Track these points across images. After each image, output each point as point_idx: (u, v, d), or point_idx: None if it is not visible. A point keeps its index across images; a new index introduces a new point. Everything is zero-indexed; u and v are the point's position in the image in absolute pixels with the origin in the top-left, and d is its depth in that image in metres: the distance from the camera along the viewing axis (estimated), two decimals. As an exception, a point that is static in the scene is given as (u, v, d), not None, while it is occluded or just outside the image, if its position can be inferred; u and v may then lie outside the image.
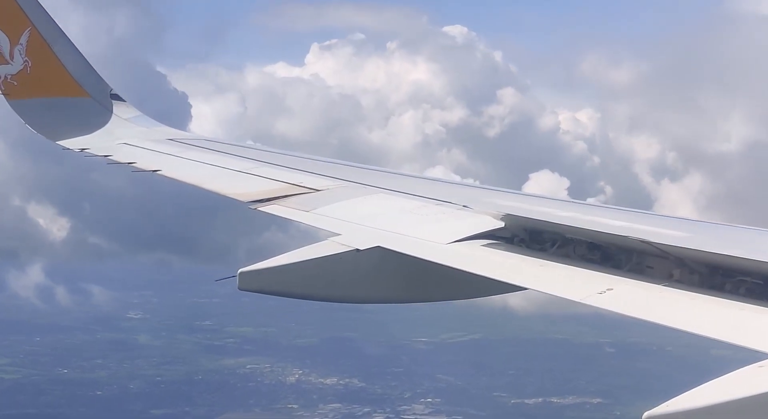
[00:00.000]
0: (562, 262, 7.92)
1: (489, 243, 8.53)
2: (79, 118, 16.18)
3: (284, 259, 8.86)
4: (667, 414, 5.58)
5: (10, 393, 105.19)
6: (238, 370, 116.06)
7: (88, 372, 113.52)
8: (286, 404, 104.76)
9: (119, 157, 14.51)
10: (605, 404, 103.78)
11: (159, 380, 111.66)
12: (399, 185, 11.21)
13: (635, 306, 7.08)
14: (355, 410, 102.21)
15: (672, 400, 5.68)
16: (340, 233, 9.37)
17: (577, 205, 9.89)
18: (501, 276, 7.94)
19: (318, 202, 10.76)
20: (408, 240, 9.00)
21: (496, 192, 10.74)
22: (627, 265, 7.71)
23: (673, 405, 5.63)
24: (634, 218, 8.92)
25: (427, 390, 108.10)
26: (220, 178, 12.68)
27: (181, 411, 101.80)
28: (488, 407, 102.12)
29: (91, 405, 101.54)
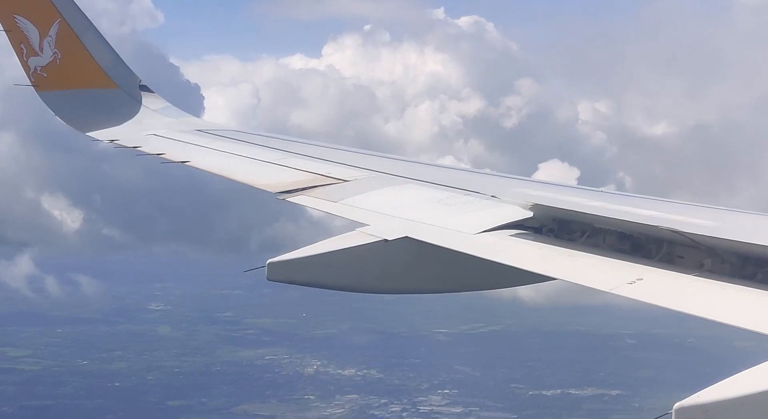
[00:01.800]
0: (591, 252, 7.88)
1: (517, 233, 8.50)
2: (108, 109, 16.19)
3: (312, 250, 8.88)
4: (698, 405, 5.56)
5: (29, 384, 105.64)
6: (257, 361, 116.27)
7: (107, 364, 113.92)
8: (303, 395, 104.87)
9: (148, 148, 14.54)
10: (624, 396, 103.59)
11: (177, 371, 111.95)
12: (427, 175, 11.19)
13: (665, 297, 7.04)
14: (372, 401, 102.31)
15: (703, 391, 5.66)
16: (368, 224, 9.37)
17: (606, 195, 9.83)
18: (529, 266, 7.91)
19: (346, 193, 10.76)
20: (436, 231, 8.99)
21: (525, 181, 10.71)
22: (657, 255, 7.66)
23: (704, 396, 5.61)
24: (663, 207, 8.87)
25: (445, 382, 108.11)
26: (249, 168, 12.69)
27: (197, 402, 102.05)
28: (505, 398, 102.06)
29: (108, 397, 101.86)
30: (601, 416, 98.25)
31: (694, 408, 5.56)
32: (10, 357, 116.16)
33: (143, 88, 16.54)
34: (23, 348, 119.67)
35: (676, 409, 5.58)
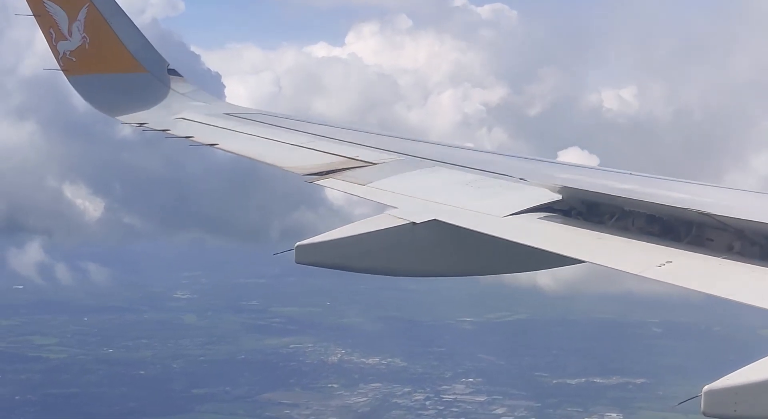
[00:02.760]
0: (620, 235, 7.87)
1: (546, 215, 8.50)
2: (137, 93, 16.22)
3: (340, 233, 8.89)
4: (727, 388, 5.58)
5: (55, 372, 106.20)
6: (281, 350, 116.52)
7: (133, 352, 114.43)
8: (327, 383, 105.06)
9: (177, 132, 14.59)
10: (649, 384, 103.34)
11: (202, 360, 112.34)
12: (455, 158, 11.17)
13: (695, 279, 7.03)
14: (395, 389, 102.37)
15: (732, 374, 5.68)
16: (396, 206, 9.39)
17: (635, 177, 9.79)
18: (558, 249, 7.91)
19: (374, 176, 10.77)
20: (464, 214, 9.00)
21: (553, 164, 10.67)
22: (686, 238, 7.64)
23: (733, 378, 5.64)
24: (693, 190, 8.85)
25: (469, 370, 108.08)
26: (277, 151, 12.71)
27: (222, 390, 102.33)
28: (529, 387, 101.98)
29: (133, 385, 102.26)
30: (625, 404, 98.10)
31: (724, 390, 5.59)
32: (36, 346, 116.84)
33: (172, 72, 16.55)
34: (50, 337, 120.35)
35: (705, 392, 5.61)
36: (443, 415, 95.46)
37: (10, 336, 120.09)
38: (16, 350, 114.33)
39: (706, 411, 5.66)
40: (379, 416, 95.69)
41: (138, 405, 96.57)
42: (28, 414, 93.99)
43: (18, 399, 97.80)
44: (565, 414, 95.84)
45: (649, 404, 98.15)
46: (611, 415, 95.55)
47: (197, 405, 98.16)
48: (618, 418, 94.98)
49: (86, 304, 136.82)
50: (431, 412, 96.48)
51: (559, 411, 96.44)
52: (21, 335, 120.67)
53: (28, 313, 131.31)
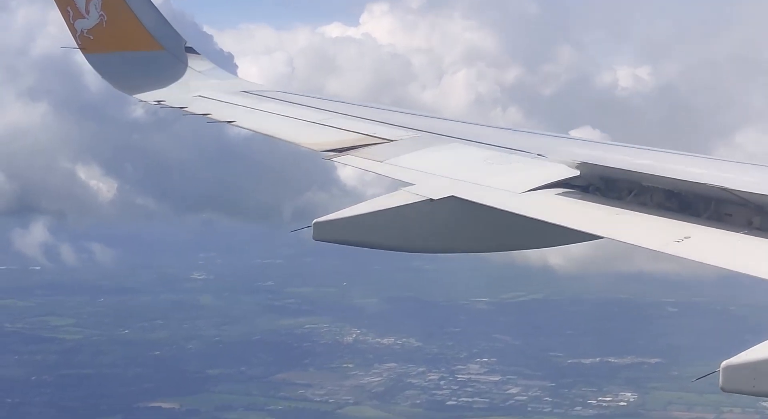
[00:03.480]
0: (638, 211, 7.85)
1: (564, 191, 8.47)
2: (155, 71, 16.21)
3: (358, 209, 8.90)
4: (746, 363, 5.56)
5: (70, 353, 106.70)
6: (296, 330, 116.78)
7: (148, 333, 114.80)
8: (341, 363, 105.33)
9: (194, 109, 14.59)
10: (663, 364, 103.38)
11: (217, 340, 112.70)
12: (472, 134, 11.14)
13: (713, 255, 6.99)
14: (410, 370, 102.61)
15: (751, 349, 5.67)
16: (413, 183, 9.38)
17: (653, 152, 9.75)
18: (576, 225, 7.88)
19: (392, 152, 10.74)
20: (482, 190, 8.99)
21: (571, 140, 10.65)
22: (705, 213, 7.61)
23: (752, 354, 5.63)
24: (712, 165, 8.82)
25: (483, 350, 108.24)
26: (295, 128, 12.71)
27: (236, 370, 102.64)
28: (543, 367, 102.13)
29: (147, 365, 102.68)
30: (639, 384, 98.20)
31: (743, 366, 5.57)
32: (52, 327, 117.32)
33: (189, 50, 16.52)
34: (66, 318, 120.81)
35: (723, 367, 5.59)
36: (457, 395, 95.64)
37: (26, 317, 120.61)
38: (32, 331, 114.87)
39: (725, 386, 5.64)
40: (393, 396, 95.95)
41: (153, 386, 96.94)
42: (44, 394, 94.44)
43: (34, 379, 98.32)
44: (578, 393, 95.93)
45: (663, 384, 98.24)
46: (625, 395, 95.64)
47: (212, 385, 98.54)
48: (632, 398, 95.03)
49: (102, 285, 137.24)
50: (445, 392, 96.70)
51: (573, 390, 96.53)
52: (37, 316, 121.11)
53: (44, 294, 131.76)
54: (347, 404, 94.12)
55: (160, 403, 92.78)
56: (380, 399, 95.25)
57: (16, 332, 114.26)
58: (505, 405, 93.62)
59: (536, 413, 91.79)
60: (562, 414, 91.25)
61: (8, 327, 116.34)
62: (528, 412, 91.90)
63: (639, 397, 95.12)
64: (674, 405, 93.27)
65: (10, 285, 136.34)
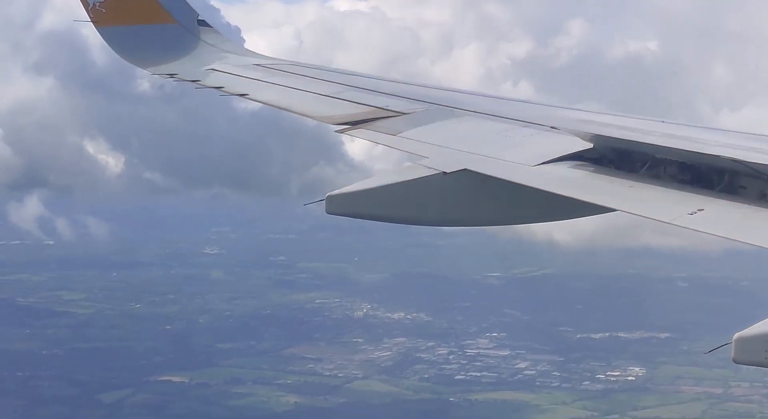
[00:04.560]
0: (651, 183, 7.85)
1: (577, 164, 8.47)
2: (167, 44, 16.10)
3: (371, 183, 8.91)
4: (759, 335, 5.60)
5: (82, 327, 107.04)
6: (307, 305, 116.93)
7: (159, 307, 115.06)
8: (351, 338, 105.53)
9: (207, 83, 14.55)
10: (673, 339, 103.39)
11: (228, 314, 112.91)
12: (485, 107, 11.13)
13: (726, 227, 7.01)
14: (419, 344, 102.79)
15: (762, 322, 5.70)
16: (426, 156, 9.38)
17: (667, 125, 9.73)
18: (589, 197, 7.90)
19: (405, 126, 10.71)
20: (495, 163, 8.99)
21: (584, 112, 10.59)
22: (718, 186, 7.61)
23: (764, 326, 5.67)
24: (726, 137, 8.81)
25: (493, 325, 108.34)
26: (307, 101, 12.66)
27: (246, 345, 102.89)
28: (553, 341, 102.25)
29: (158, 339, 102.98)
30: (648, 359, 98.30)
31: (755, 338, 5.61)
32: (64, 301, 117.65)
33: (201, 23, 16.41)
34: (78, 292, 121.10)
35: (736, 339, 5.63)
36: (466, 370, 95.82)
37: (38, 292, 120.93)
38: (44, 305, 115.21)
39: (737, 358, 5.68)
40: (402, 370, 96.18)
41: (163, 360, 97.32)
42: (55, 368, 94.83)
43: (45, 353, 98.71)
44: (587, 368, 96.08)
45: (672, 358, 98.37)
46: (634, 369, 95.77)
47: (221, 359, 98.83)
48: (640, 372, 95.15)
49: (114, 260, 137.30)
50: (454, 366, 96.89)
51: (581, 365, 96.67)
52: (49, 290, 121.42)
53: (56, 269, 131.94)
54: (356, 378, 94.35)
55: (170, 377, 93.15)
56: (389, 373, 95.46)
57: (29, 306, 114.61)
58: (514, 379, 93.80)
59: (544, 387, 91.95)
60: (570, 389, 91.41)
61: (20, 301, 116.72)
62: (536, 387, 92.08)
63: (647, 372, 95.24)
64: (682, 379, 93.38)
65: (23, 259, 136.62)
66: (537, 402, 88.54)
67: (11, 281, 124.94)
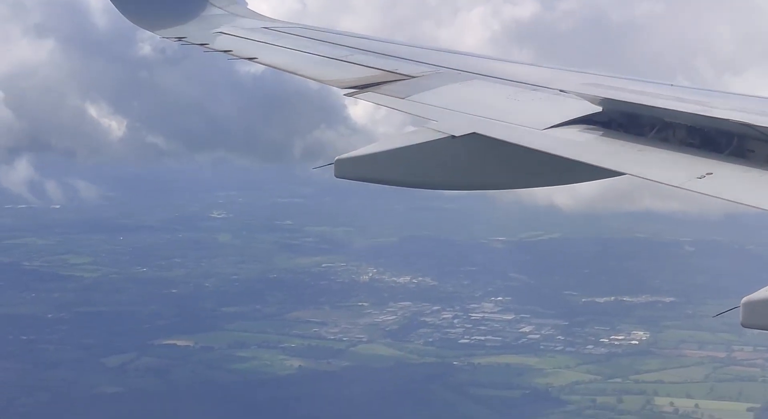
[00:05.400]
0: (660, 147, 7.81)
1: (586, 128, 8.42)
2: (175, 7, 16.03)
3: (380, 146, 8.87)
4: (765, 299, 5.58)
5: (87, 291, 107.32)
6: (313, 269, 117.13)
7: (165, 271, 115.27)
8: (356, 302, 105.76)
9: (216, 46, 14.46)
10: (678, 303, 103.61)
11: (234, 278, 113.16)
12: (494, 71, 11.07)
13: (735, 191, 6.98)
14: (424, 308, 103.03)
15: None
16: (435, 120, 9.36)
17: (677, 89, 9.67)
18: (598, 161, 7.87)
19: (413, 89, 10.66)
20: (504, 126, 8.94)
21: (594, 76, 10.52)
22: (727, 149, 7.56)
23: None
24: (735, 101, 8.75)
25: (498, 289, 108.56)
26: (316, 65, 12.59)
27: (252, 308, 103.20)
28: (557, 306, 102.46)
29: (163, 303, 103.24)
30: (652, 323, 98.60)
31: (763, 302, 5.58)
32: (70, 265, 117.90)
33: None
34: (84, 256, 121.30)
35: (744, 303, 5.60)
36: (470, 333, 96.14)
37: (44, 256, 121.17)
38: (50, 269, 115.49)
39: (745, 322, 5.66)
40: (407, 334, 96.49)
41: (168, 323, 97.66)
42: (60, 331, 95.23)
43: (50, 317, 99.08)
44: (591, 332, 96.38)
45: (677, 322, 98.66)
46: (637, 333, 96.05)
47: (226, 323, 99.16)
48: (644, 336, 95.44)
49: (121, 224, 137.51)
50: (458, 330, 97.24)
51: (585, 329, 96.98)
52: (55, 254, 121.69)
53: (63, 233, 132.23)
54: (360, 342, 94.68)
55: (175, 341, 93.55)
56: (394, 337, 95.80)
57: (34, 270, 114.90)
58: (518, 343, 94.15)
59: (548, 351, 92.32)
60: (574, 353, 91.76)
61: (26, 265, 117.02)
62: (540, 350, 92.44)
63: (651, 336, 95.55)
64: (686, 343, 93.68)
65: (30, 223, 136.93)
66: (540, 366, 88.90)
67: (17, 245, 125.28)
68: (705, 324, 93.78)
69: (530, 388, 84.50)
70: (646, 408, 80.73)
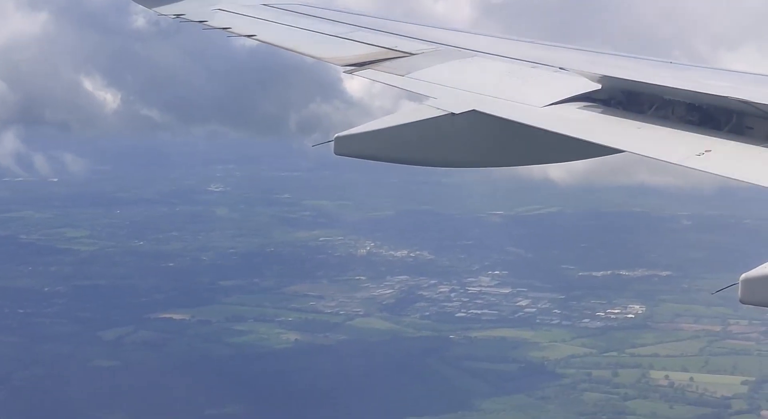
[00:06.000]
0: (659, 124, 7.87)
1: (585, 105, 8.49)
2: None
3: (380, 124, 8.93)
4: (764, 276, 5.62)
5: (84, 264, 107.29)
6: (310, 243, 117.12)
7: (162, 244, 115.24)
8: (353, 276, 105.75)
9: (214, 23, 14.42)
10: (674, 277, 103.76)
11: (232, 252, 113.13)
12: (494, 48, 11.09)
13: (734, 168, 7.04)
14: (421, 282, 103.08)
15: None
16: (435, 97, 9.40)
17: (675, 66, 9.72)
18: (597, 138, 7.93)
19: (413, 66, 10.69)
20: (503, 104, 9.01)
21: (593, 53, 10.55)
22: (726, 126, 7.64)
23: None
24: (734, 78, 8.80)
25: (495, 263, 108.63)
26: (315, 42, 12.58)
27: (249, 282, 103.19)
28: (554, 279, 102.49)
29: (161, 276, 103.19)
30: (648, 296, 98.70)
31: (762, 278, 5.62)
32: (67, 238, 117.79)
33: None
34: (81, 229, 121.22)
35: (742, 280, 5.64)
36: (467, 307, 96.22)
37: (42, 229, 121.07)
38: (47, 243, 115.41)
39: (743, 298, 5.70)
40: (404, 308, 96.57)
41: (164, 297, 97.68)
42: (56, 305, 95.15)
43: (47, 290, 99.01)
44: (587, 306, 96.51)
45: (673, 296, 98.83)
46: (634, 307, 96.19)
47: (223, 296, 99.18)
48: (640, 310, 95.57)
49: (119, 197, 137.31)
50: (455, 304, 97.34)
51: (582, 303, 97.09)
52: (53, 228, 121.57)
53: (60, 206, 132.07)
54: (357, 316, 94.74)
55: (172, 314, 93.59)
56: (390, 311, 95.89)
57: (31, 243, 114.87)
58: (514, 317, 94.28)
59: (544, 325, 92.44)
60: (570, 327, 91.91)
61: (23, 238, 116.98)
62: (536, 324, 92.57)
63: (647, 309, 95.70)
64: (682, 317, 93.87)
65: (27, 196, 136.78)
66: (536, 340, 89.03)
67: (14, 218, 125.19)
68: (701, 298, 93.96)
69: (526, 362, 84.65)
70: (642, 382, 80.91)
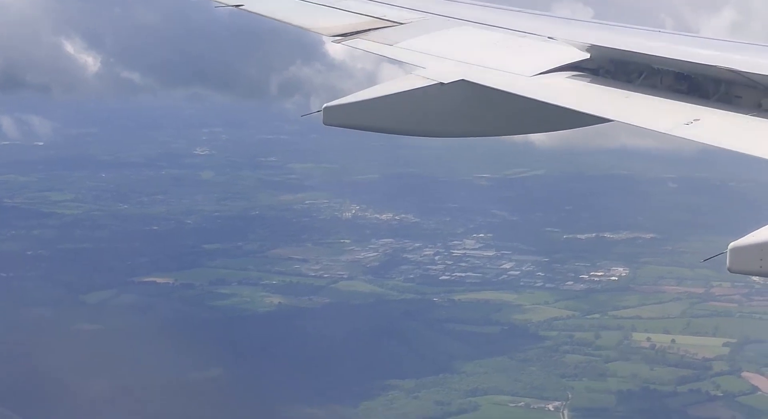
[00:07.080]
0: (648, 93, 7.94)
1: (574, 74, 8.54)
2: None
3: (369, 94, 8.99)
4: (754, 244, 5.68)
5: (68, 228, 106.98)
6: (295, 206, 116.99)
7: (147, 207, 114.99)
8: (338, 239, 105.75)
9: None
10: (658, 239, 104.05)
11: (216, 215, 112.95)
12: (483, 17, 11.08)
13: (722, 137, 7.14)
14: (406, 245, 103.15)
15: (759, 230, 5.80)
16: (424, 67, 9.42)
17: (663, 34, 9.74)
18: (586, 108, 8.00)
19: (401, 36, 10.72)
20: (492, 73, 9.04)
21: (582, 23, 10.56)
22: (714, 95, 7.71)
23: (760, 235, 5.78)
24: (722, 47, 8.81)
25: (480, 226, 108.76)
26: (303, 11, 12.49)
27: (233, 245, 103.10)
28: (539, 242, 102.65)
29: (144, 240, 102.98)
30: (632, 259, 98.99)
31: (750, 247, 5.69)
32: (52, 202, 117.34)
33: None
34: (66, 193, 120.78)
35: (731, 249, 5.73)
36: (451, 270, 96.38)
37: (26, 193, 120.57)
38: (31, 206, 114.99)
39: (732, 267, 5.77)
40: (388, 270, 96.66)
41: (148, 261, 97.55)
42: (39, 268, 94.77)
43: (30, 254, 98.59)
44: (571, 268, 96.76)
45: (656, 259, 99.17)
46: (617, 269, 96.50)
47: (207, 260, 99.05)
48: (624, 272, 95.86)
49: (104, 160, 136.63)
50: (439, 267, 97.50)
51: (566, 265, 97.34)
52: (37, 191, 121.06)
53: (45, 170, 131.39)
54: (341, 279, 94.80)
55: (155, 278, 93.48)
56: (374, 273, 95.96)
57: (15, 207, 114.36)
58: (498, 279, 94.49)
59: (527, 287, 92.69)
60: (553, 289, 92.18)
61: (7, 202, 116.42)
62: (520, 287, 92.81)
63: (630, 272, 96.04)
64: (665, 279, 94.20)
65: (12, 160, 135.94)
66: (519, 302, 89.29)
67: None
68: (685, 261, 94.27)
69: (508, 324, 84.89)
70: (623, 344, 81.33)
